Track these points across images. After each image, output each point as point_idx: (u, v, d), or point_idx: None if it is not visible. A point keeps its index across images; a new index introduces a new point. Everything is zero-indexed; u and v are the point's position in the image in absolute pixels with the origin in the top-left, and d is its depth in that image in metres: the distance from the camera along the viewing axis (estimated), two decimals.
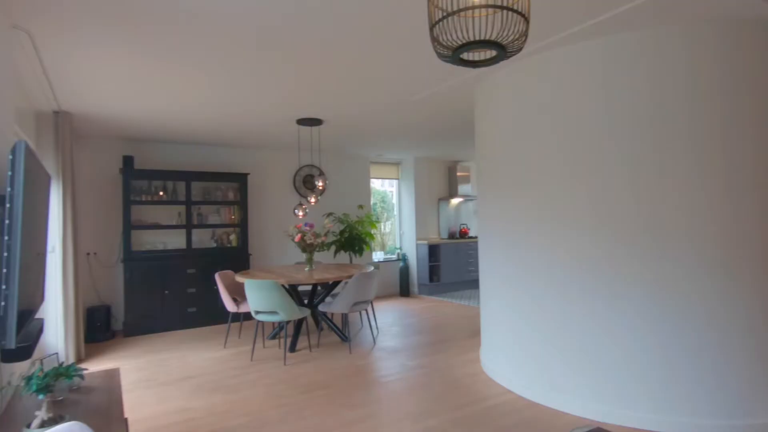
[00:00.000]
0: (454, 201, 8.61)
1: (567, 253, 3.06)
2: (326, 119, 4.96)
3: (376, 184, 8.47)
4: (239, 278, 4.50)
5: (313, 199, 5.30)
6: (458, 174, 8.38)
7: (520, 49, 1.43)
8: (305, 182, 7.01)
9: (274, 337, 5.01)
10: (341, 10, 2.44)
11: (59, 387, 1.67)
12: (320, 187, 5.26)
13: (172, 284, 5.64)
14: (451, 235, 8.45)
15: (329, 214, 6.56)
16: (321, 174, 7.01)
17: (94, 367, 4.13)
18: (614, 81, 2.89)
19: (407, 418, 2.98)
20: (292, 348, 4.56)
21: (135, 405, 3.31)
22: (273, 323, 5.40)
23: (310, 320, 5.66)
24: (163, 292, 5.58)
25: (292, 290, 4.74)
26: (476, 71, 3.46)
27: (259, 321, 4.33)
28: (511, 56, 1.44)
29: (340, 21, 2.58)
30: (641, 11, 2.54)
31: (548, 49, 3.09)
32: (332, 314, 5.54)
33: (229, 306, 4.74)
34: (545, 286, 3.18)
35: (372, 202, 8.26)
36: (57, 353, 2.26)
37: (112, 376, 2.19)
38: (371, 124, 5.30)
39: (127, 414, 2.81)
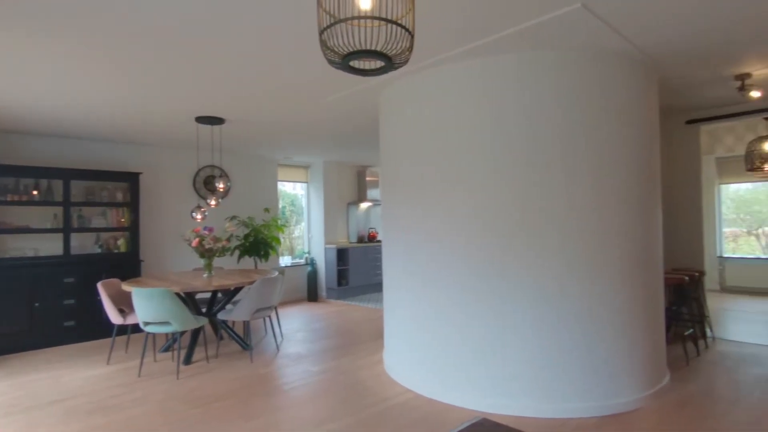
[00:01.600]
0: (364, 205, 8.72)
1: (460, 258, 3.25)
2: (229, 118, 4.75)
3: (287, 186, 8.29)
4: (126, 287, 4.12)
5: (213, 202, 5.03)
6: (368, 179, 8.51)
7: (406, 61, 1.49)
8: (206, 183, 6.63)
9: (166, 350, 4.65)
10: (240, 9, 2.36)
11: None
12: (221, 189, 5.01)
13: (45, 295, 4.99)
14: (360, 239, 8.54)
15: (232, 218, 6.28)
16: (222, 175, 6.68)
17: None
18: (499, 97, 3.13)
19: (309, 425, 2.94)
20: (187, 360, 4.27)
21: None
22: (166, 335, 5.01)
23: (209, 330, 5.35)
24: (32, 305, 4.91)
25: (188, 298, 4.44)
26: (379, 79, 3.55)
27: (149, 333, 4.00)
28: (397, 68, 1.50)
29: (240, 20, 2.49)
30: (519, 38, 2.79)
31: (443, 64, 3.26)
32: (233, 322, 5.30)
33: (114, 318, 4.31)
34: (440, 290, 3.35)
35: (281, 206, 8.07)
36: None
37: None
38: (277, 126, 5.18)
39: None
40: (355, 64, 1.54)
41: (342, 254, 7.90)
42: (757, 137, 4.95)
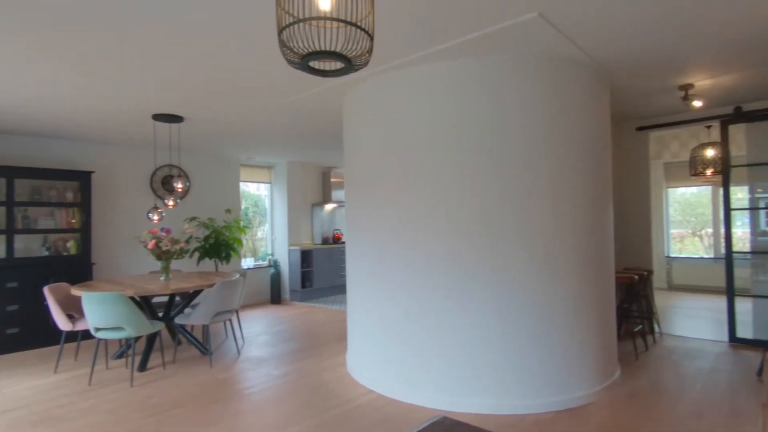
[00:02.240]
0: (329, 206, 8.66)
1: (424, 257, 3.28)
2: (188, 116, 4.61)
3: (250, 187, 8.13)
4: (75, 291, 3.92)
5: (171, 202, 4.87)
6: (332, 180, 8.47)
7: (366, 63, 1.50)
8: (164, 183, 6.41)
9: (120, 357, 4.46)
10: (194, 3, 2.30)
11: None
12: (179, 189, 4.85)
13: None
14: (325, 241, 8.48)
15: (192, 219, 6.10)
16: (181, 175, 6.48)
17: None
18: (462, 100, 3.20)
19: (269, 429, 2.89)
20: (142, 367, 4.11)
21: None
22: (119, 341, 4.80)
23: (166, 335, 5.17)
24: None
25: (143, 302, 4.28)
26: (344, 80, 3.55)
27: (100, 339, 3.82)
28: (357, 70, 1.51)
29: (194, 14, 2.43)
30: (481, 42, 2.86)
31: (407, 66, 3.30)
32: (192, 327, 5.15)
33: (63, 324, 4.09)
34: (404, 289, 3.37)
35: (244, 207, 7.90)
36: None
37: None
38: (239, 126, 5.07)
39: None
40: (314, 64, 1.54)
41: (306, 256, 7.82)
42: (700, 144, 5.29)
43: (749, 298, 4.63)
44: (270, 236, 8.19)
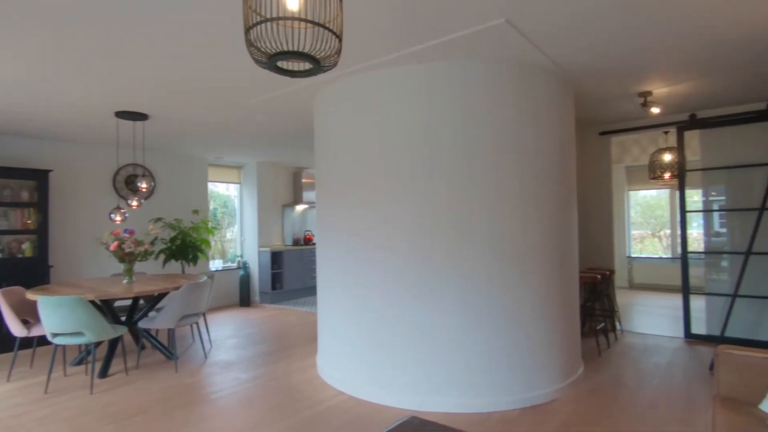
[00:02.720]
0: (300, 207, 8.59)
1: (393, 260, 3.30)
2: (153, 114, 4.48)
3: (220, 188, 7.96)
4: (31, 295, 3.74)
5: (135, 203, 4.73)
6: (303, 180, 8.40)
7: (335, 65, 1.50)
8: (128, 183, 6.20)
9: (79, 363, 4.28)
10: None
11: None
12: (143, 189, 4.71)
13: None
14: (296, 242, 8.40)
15: (157, 220, 5.92)
16: (146, 174, 6.29)
17: None
18: (433, 102, 3.23)
19: None
20: (103, 373, 3.96)
21: None
22: (78, 346, 4.61)
23: (129, 340, 5.00)
24: None
25: (104, 306, 4.13)
26: (314, 81, 3.53)
27: (58, 345, 3.66)
28: (326, 71, 1.51)
29: (158, 7, 2.37)
30: (452, 47, 2.91)
31: (379, 68, 3.31)
32: (156, 331, 5.00)
33: (16, 330, 3.89)
34: (374, 291, 3.38)
35: (212, 207, 7.74)
36: None
37: None
38: (206, 125, 4.97)
39: None
40: (283, 64, 1.53)
41: (276, 257, 7.72)
42: (658, 149, 5.53)
43: (703, 295, 4.87)
44: (239, 237, 8.05)
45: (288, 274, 7.83)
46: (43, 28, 2.56)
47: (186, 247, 6.03)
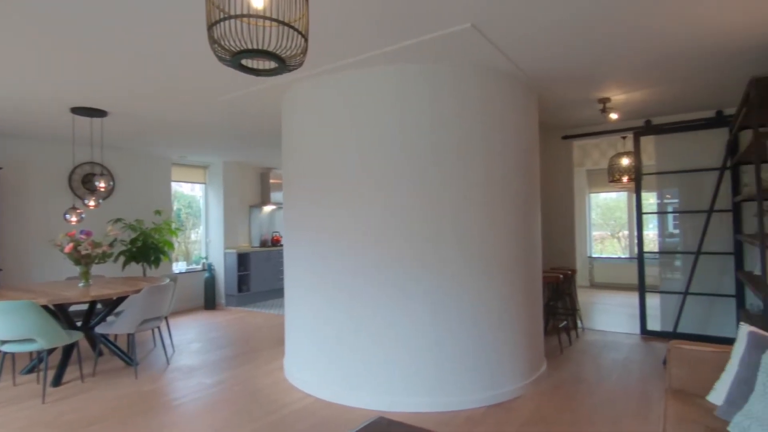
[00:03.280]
0: (267, 208, 8.46)
1: (363, 259, 3.30)
2: (112, 111, 4.31)
3: (184, 187, 7.73)
4: None
5: (92, 203, 4.53)
6: (271, 181, 8.27)
7: (301, 64, 1.49)
8: (85, 182, 5.94)
9: (30, 371, 4.06)
10: None
11: None
12: (101, 189, 4.53)
13: None
14: (263, 243, 8.26)
15: (117, 220, 5.70)
16: (104, 173, 6.05)
17: None
18: (402, 104, 3.25)
19: None
20: (57, 381, 3.77)
21: None
22: (29, 354, 4.37)
23: (86, 345, 4.79)
24: None
25: (58, 311, 3.94)
26: (282, 80, 3.49)
27: (6, 353, 3.46)
28: (292, 70, 1.49)
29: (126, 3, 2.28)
30: (421, 49, 2.94)
31: (348, 69, 3.31)
32: (115, 336, 4.81)
33: None
34: (342, 291, 3.37)
35: (176, 208, 7.51)
36: None
37: None
38: (169, 123, 4.82)
39: None
40: (247, 63, 1.51)
41: (243, 259, 7.57)
42: (616, 153, 5.74)
43: (657, 293, 5.11)
44: (204, 239, 7.84)
45: (255, 276, 7.69)
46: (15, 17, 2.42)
47: (147, 248, 5.82)
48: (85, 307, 4.64)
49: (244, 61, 1.45)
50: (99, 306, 4.58)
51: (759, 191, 2.91)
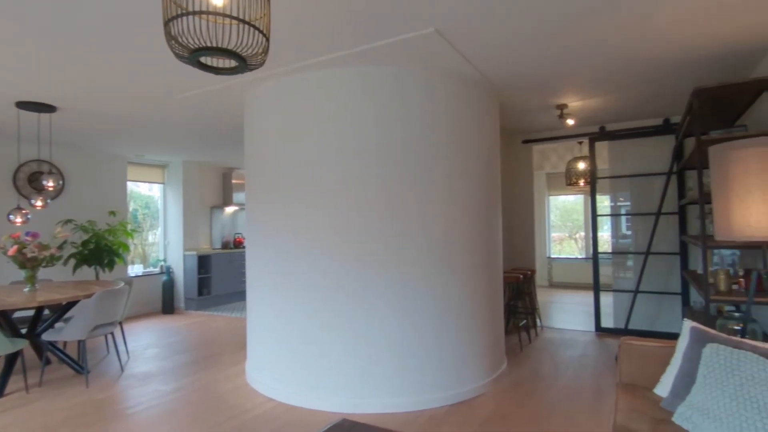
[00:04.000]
0: (229, 209, 8.26)
1: (328, 260, 3.28)
2: (61, 106, 4.10)
3: (142, 187, 7.44)
4: None
5: (39, 203, 4.29)
6: (234, 181, 8.09)
7: (262, 64, 1.47)
8: (31, 181, 5.61)
9: None
10: None
11: None
12: (50, 188, 4.29)
13: None
14: (225, 245, 8.06)
15: (67, 222, 5.42)
16: (53, 172, 5.74)
17: None
18: (367, 105, 3.26)
19: None
20: None
21: None
22: None
23: (32, 354, 4.52)
24: None
25: (1, 318, 3.70)
26: (244, 78, 3.42)
27: None
28: (253, 69, 1.47)
29: None
30: (388, 52, 2.95)
31: (315, 69, 3.28)
32: (65, 343, 4.57)
33: None
34: (305, 291, 3.33)
35: (132, 209, 7.21)
36: None
37: None
38: (126, 120, 4.63)
39: None
40: (207, 60, 1.47)
41: (204, 261, 7.36)
42: (573, 158, 5.98)
43: (611, 292, 5.34)
44: (163, 241, 7.57)
45: (216, 279, 7.49)
46: None
47: (101, 251, 5.57)
48: (31, 313, 4.38)
49: (203, 59, 1.42)
50: (47, 312, 4.33)
51: (701, 195, 3.10)
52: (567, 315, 6.40)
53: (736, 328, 2.63)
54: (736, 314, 2.88)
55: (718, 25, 2.70)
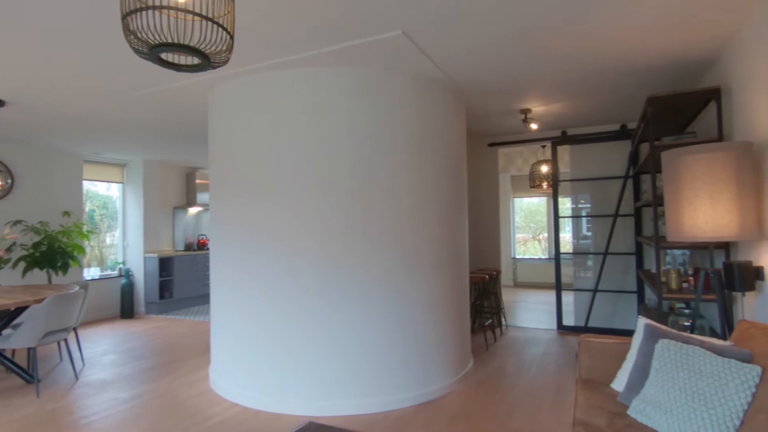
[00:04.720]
0: (193, 210, 8.04)
1: (295, 259, 3.24)
2: (11, 101, 3.88)
3: (100, 187, 7.12)
4: None
5: None
6: (197, 181, 7.88)
7: (226, 61, 1.44)
8: None
9: None
10: None
11: None
12: None
13: None
14: (188, 247, 7.83)
15: (15, 222, 5.12)
16: (1, 170, 5.42)
17: None
18: (333, 107, 3.25)
19: None
20: None
21: None
22: None
23: None
24: None
25: None
26: (208, 77, 3.34)
27: None
28: (216, 67, 1.44)
29: None
30: (354, 54, 2.95)
31: (283, 68, 3.24)
32: (13, 351, 4.32)
33: None
34: (272, 291, 3.28)
35: (88, 209, 6.90)
36: None
37: None
38: (82, 117, 4.42)
39: None
40: (168, 57, 1.43)
41: (166, 264, 7.13)
42: (537, 161, 6.15)
43: (572, 291, 5.53)
44: (122, 242, 7.28)
45: (179, 282, 7.26)
46: None
47: (53, 253, 5.29)
48: None
49: (163, 55, 1.38)
50: None
51: (654, 198, 3.25)
52: (531, 314, 6.57)
53: (686, 324, 2.77)
54: (686, 311, 3.03)
55: (664, 39, 2.85)
